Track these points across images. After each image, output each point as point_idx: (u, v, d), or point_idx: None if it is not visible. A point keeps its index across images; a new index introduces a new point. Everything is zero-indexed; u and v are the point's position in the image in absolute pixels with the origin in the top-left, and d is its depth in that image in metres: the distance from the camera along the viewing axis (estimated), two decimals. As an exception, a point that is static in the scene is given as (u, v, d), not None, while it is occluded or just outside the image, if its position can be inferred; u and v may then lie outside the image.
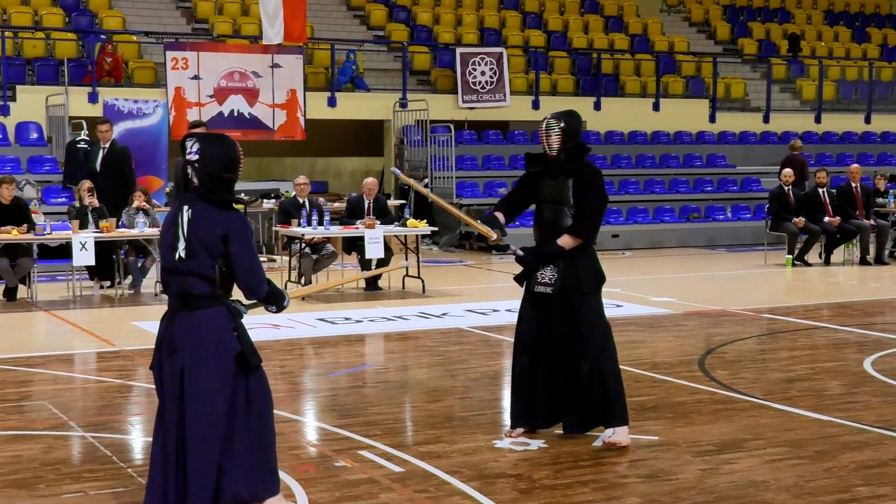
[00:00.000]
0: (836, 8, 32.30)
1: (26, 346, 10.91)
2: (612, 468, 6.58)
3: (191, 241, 5.33)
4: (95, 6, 22.40)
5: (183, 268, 5.35)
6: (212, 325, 5.36)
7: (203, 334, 5.35)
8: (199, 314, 5.35)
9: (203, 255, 5.31)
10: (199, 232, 5.33)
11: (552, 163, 7.03)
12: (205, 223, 5.34)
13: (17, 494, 6.10)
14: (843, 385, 8.96)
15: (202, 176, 5.39)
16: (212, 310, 5.37)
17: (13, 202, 13.59)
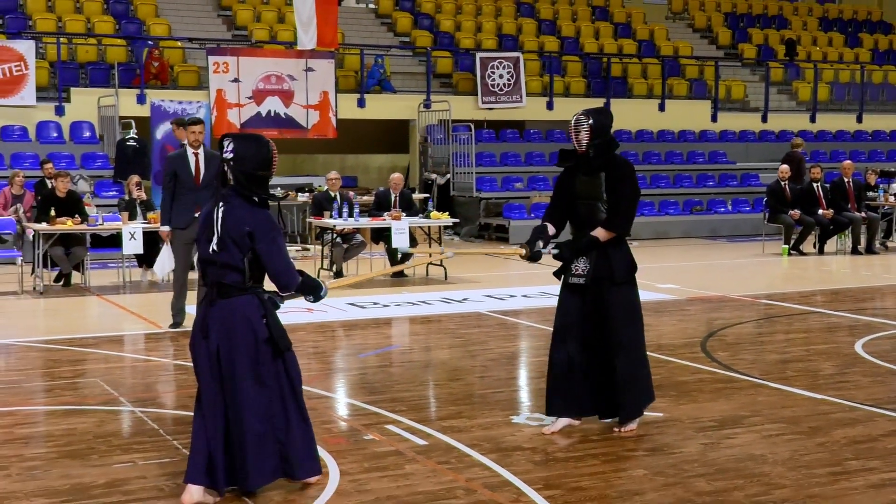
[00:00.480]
0: (830, 15, 32.12)
1: (80, 328, 10.98)
2: (620, 442, 6.58)
3: (223, 235, 5.40)
4: (143, 14, 22.46)
5: (217, 259, 5.43)
6: (242, 311, 5.42)
7: (234, 320, 5.41)
8: (231, 301, 5.41)
9: (233, 249, 5.38)
10: (230, 227, 5.39)
11: (582, 158, 6.81)
12: (235, 220, 5.40)
13: (72, 464, 6.14)
14: (835, 366, 8.93)
15: (237, 173, 5.44)
16: (243, 298, 5.43)
17: (68, 195, 13.66)
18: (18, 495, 5.58)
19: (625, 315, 6.79)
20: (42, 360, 9.27)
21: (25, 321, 11.53)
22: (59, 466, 6.10)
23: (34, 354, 9.49)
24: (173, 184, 10.24)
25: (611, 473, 5.98)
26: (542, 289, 13.43)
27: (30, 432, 6.92)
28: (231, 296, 5.42)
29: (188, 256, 10.44)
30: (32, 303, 12.58)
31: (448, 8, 26.28)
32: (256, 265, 5.43)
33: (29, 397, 7.88)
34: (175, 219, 10.27)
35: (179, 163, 10.27)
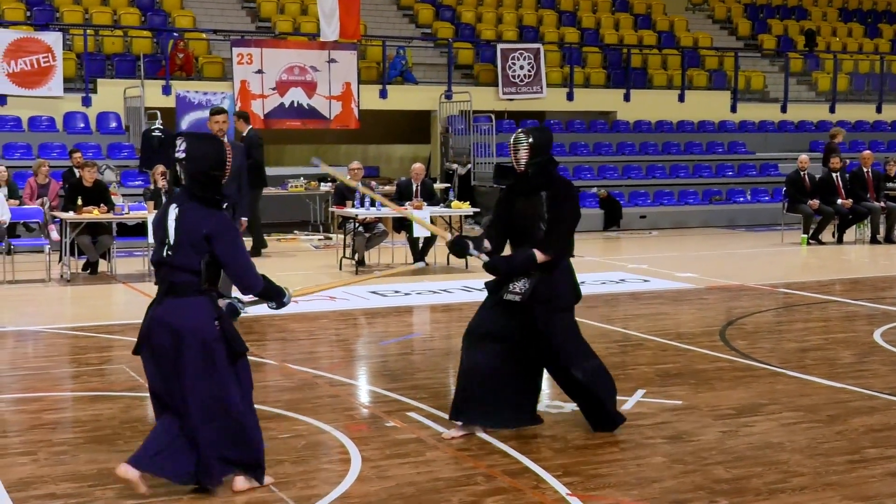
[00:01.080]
0: (849, 5, 31.89)
1: (106, 316, 11.04)
2: (639, 430, 6.56)
3: (178, 237, 5.21)
4: (168, 6, 22.51)
5: (171, 262, 5.25)
6: (194, 312, 5.23)
7: (185, 320, 5.22)
8: (182, 301, 5.23)
9: (189, 252, 5.20)
10: (186, 230, 5.20)
11: (522, 177, 6.40)
12: (190, 222, 5.21)
13: (99, 449, 6.17)
14: (853, 354, 8.87)
15: (191, 173, 5.26)
16: (195, 298, 5.24)
17: (95, 185, 13.71)
18: (46, 479, 5.62)
19: (568, 337, 6.34)
20: (69, 346, 9.32)
21: (53, 308, 11.59)
22: (86, 451, 6.13)
23: (61, 341, 9.54)
24: None
25: (629, 461, 5.97)
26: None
27: (57, 418, 6.96)
28: (185, 295, 5.23)
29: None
30: (60, 290, 12.65)
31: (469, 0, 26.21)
32: (213, 267, 5.26)
33: (56, 383, 7.92)
34: None
35: None
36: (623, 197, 20.86)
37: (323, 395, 7.48)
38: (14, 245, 13.59)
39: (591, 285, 12.82)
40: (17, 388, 7.73)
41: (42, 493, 5.41)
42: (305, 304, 11.44)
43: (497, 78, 22.55)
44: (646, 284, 12.82)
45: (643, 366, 8.40)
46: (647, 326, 10.11)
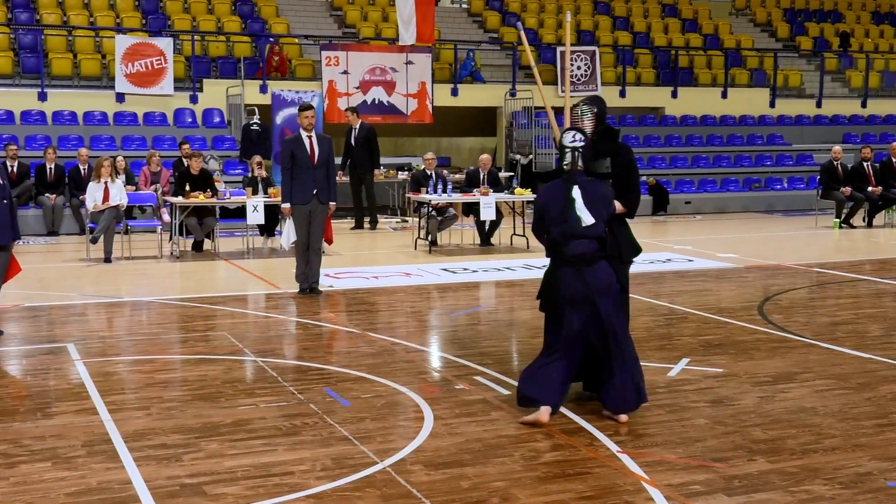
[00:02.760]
0: (882, 9, 31.08)
1: (210, 288, 11.18)
2: (683, 395, 6.48)
3: (595, 211, 5.75)
4: (266, 14, 22.67)
5: (588, 232, 5.74)
6: (609, 272, 5.84)
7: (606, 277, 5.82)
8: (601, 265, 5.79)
9: (601, 222, 5.79)
10: (598, 203, 5.79)
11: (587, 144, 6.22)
12: (593, 190, 5.79)
13: (204, 405, 6.26)
14: (882, 328, 8.68)
15: (585, 159, 5.84)
16: (604, 263, 5.82)
17: (201, 173, 13.86)
18: (158, 431, 5.71)
19: (625, 291, 6.29)
20: (178, 315, 9.46)
21: (164, 282, 11.77)
22: (192, 407, 6.22)
23: (171, 311, 9.69)
24: (291, 164, 10.28)
25: (675, 422, 5.90)
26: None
27: (168, 377, 7.07)
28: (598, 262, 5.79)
29: (307, 229, 10.39)
30: (170, 266, 12.84)
31: (532, 7, 26.03)
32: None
33: (167, 347, 8.05)
34: (295, 196, 10.29)
35: (296, 145, 10.23)
36: (670, 184, 20.60)
37: (400, 360, 7.51)
38: (130, 226, 13.82)
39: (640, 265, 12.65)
40: (133, 352, 7.87)
41: (154, 443, 5.51)
42: (384, 279, 11.48)
43: (557, 77, 22.37)
44: (690, 264, 12.65)
45: (687, 337, 8.30)
46: (691, 301, 9.98)
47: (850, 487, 4.84)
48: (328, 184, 10.34)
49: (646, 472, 5.04)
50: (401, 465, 5.14)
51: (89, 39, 20.47)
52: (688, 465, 5.16)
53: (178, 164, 15.73)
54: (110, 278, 11.72)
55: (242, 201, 13.50)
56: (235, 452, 5.34)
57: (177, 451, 5.37)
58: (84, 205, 13.67)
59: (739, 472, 5.04)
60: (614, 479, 4.96)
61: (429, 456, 5.29)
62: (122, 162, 15.58)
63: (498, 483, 4.89)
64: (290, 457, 5.27)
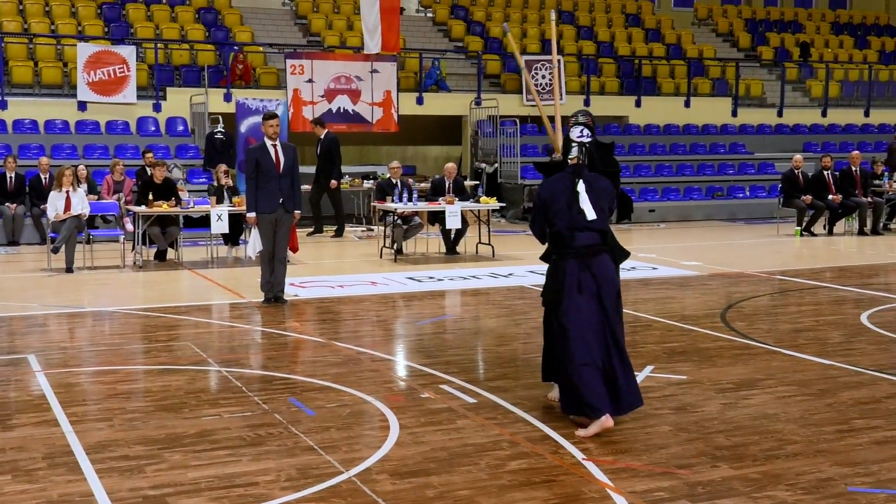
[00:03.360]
0: (841, 20, 31.53)
1: (173, 298, 11.10)
2: (647, 402, 6.51)
3: (598, 205, 5.84)
4: (230, 23, 22.58)
5: (591, 226, 5.82)
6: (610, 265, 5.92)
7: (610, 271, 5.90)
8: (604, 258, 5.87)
9: (604, 215, 5.91)
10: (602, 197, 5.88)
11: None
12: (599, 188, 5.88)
13: (167, 416, 6.20)
14: (842, 335, 8.79)
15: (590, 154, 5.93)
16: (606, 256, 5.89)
17: (164, 182, 13.77)
18: (120, 443, 5.66)
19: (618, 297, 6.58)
20: (140, 325, 9.38)
21: (126, 292, 11.68)
22: (155, 418, 6.17)
23: (133, 321, 9.61)
24: (256, 173, 10.21)
25: (639, 429, 5.93)
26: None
27: (130, 388, 7.00)
28: (601, 254, 5.85)
29: (272, 238, 10.33)
30: (132, 276, 12.74)
31: (497, 16, 26.12)
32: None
33: (129, 358, 7.98)
34: (260, 205, 10.22)
35: (261, 154, 10.14)
36: (634, 193, 20.73)
37: (365, 369, 7.49)
38: (93, 235, 13.70)
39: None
40: (95, 362, 7.79)
41: (117, 454, 5.46)
42: (350, 288, 11.46)
43: (521, 86, 22.46)
44: (654, 272, 12.74)
45: (651, 344, 8.35)
46: (655, 309, 10.05)
47: (811, 493, 4.89)
48: (293, 192, 10.30)
49: (610, 479, 5.06)
50: (366, 475, 5.12)
51: (50, 47, 20.29)
52: (652, 472, 5.18)
53: (141, 173, 15.60)
54: (72, 288, 11.60)
55: (206, 210, 13.42)
56: (199, 463, 5.30)
57: (139, 462, 5.32)
58: (45, 214, 13.52)
59: (703, 479, 5.07)
60: (579, 486, 4.97)
61: (394, 465, 5.28)
62: (83, 171, 15.43)
63: (463, 491, 4.89)
64: (255, 467, 5.24)
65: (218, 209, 13.26)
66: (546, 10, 27.03)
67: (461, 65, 23.80)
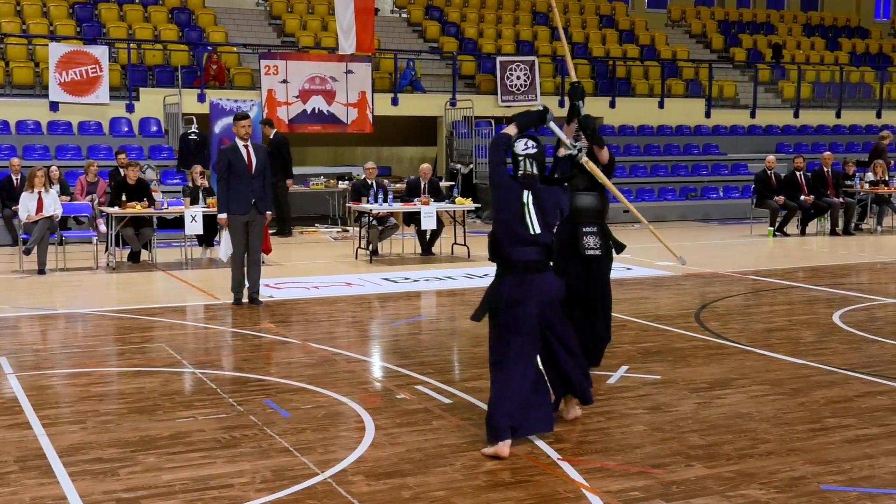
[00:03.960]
0: (812, 22, 31.79)
1: (147, 299, 11.04)
2: (622, 402, 6.55)
3: (545, 214, 5.61)
4: (204, 23, 22.47)
5: (537, 241, 5.58)
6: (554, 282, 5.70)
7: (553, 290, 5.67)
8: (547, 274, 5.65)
9: (548, 230, 5.63)
10: (550, 207, 5.63)
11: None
12: (549, 199, 5.63)
13: (141, 418, 6.17)
14: (814, 334, 8.86)
15: (541, 164, 5.73)
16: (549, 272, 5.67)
17: (137, 183, 13.70)
18: (94, 445, 5.62)
19: (607, 279, 7.21)
20: (114, 327, 9.32)
21: (100, 293, 11.60)
22: (129, 420, 6.13)
23: (107, 323, 9.55)
24: (228, 174, 10.14)
25: (614, 429, 5.96)
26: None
27: (104, 391, 6.96)
28: (546, 270, 5.64)
29: (245, 240, 10.29)
30: (106, 277, 12.65)
31: (472, 17, 26.15)
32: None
33: (103, 360, 7.93)
34: (233, 206, 10.17)
35: (233, 155, 10.11)
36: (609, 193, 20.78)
37: (340, 370, 7.48)
38: (66, 236, 13.59)
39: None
40: (68, 365, 7.74)
41: (90, 457, 5.42)
42: (325, 289, 11.44)
43: (496, 87, 22.49)
44: (629, 272, 12.80)
45: (626, 344, 8.39)
46: (630, 309, 10.09)
47: (784, 491, 4.92)
48: (265, 193, 10.27)
49: (586, 479, 5.08)
50: (342, 476, 5.11)
51: (22, 47, 20.12)
52: (626, 471, 5.21)
53: (115, 174, 15.49)
54: (44, 290, 11.51)
55: (180, 211, 13.36)
56: (173, 466, 5.27)
57: (113, 465, 5.29)
58: (17, 215, 13.41)
59: (677, 478, 5.10)
60: (555, 486, 4.99)
61: (370, 466, 5.27)
62: (56, 172, 15.29)
63: (439, 492, 4.90)
64: (230, 469, 5.22)
65: (192, 210, 13.19)
66: (520, 11, 27.10)
67: (436, 65, 23.80)
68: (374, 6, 20.64)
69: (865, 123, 26.40)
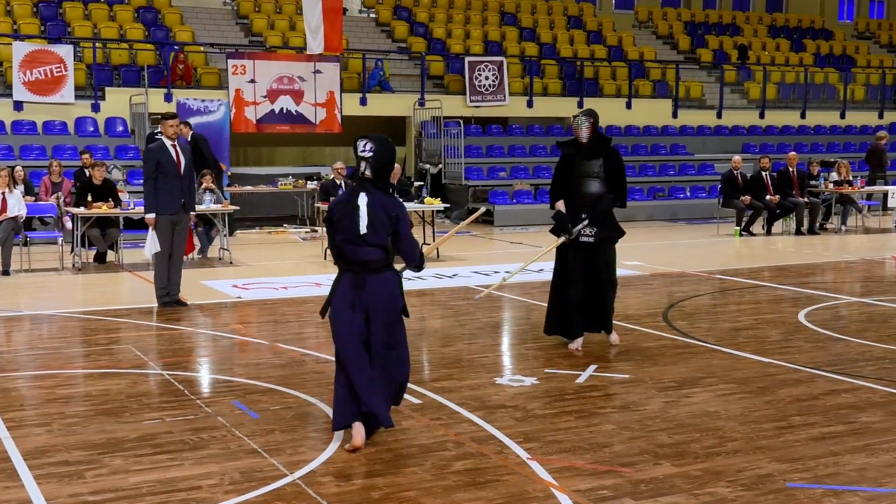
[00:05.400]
0: (777, 23, 32.08)
1: (114, 300, 10.95)
2: (591, 401, 6.58)
3: (372, 219, 5.56)
4: (170, 22, 22.32)
5: (366, 240, 5.58)
6: (388, 284, 5.64)
7: (388, 291, 5.63)
8: (383, 276, 5.63)
9: (381, 231, 5.59)
10: (378, 213, 5.59)
11: (583, 147, 7.91)
12: (381, 206, 5.62)
13: (107, 421, 6.12)
14: (781, 333, 8.94)
15: (374, 168, 5.67)
16: (389, 272, 5.66)
17: (103, 183, 13.59)
18: (60, 448, 5.57)
19: (612, 262, 8.11)
20: (80, 328, 9.24)
21: (65, 294, 11.50)
22: (95, 422, 6.08)
23: (73, 324, 9.46)
24: (156, 173, 10.07)
25: (583, 428, 5.98)
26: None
27: (70, 392, 6.90)
28: (380, 271, 5.62)
29: (171, 239, 10.22)
30: (72, 278, 12.54)
31: (440, 17, 26.16)
32: (393, 245, 5.68)
33: (69, 362, 7.86)
34: (162, 206, 10.07)
35: (161, 154, 10.08)
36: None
37: (309, 371, 7.46)
38: (30, 237, 13.46)
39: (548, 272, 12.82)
40: (34, 366, 7.66)
41: (56, 460, 5.37)
42: (294, 289, 11.39)
43: (465, 87, 22.51)
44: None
45: (595, 344, 8.42)
46: (598, 309, 10.11)
47: (751, 489, 4.97)
48: (191, 193, 10.37)
49: (555, 478, 5.10)
50: (311, 477, 5.10)
51: (-15, 46, 19.90)
52: (595, 470, 5.23)
53: (80, 174, 15.34)
54: (9, 291, 11.38)
55: (147, 212, 13.23)
56: (141, 468, 5.23)
57: (79, 468, 5.24)
58: (-20, 216, 13.24)
59: (645, 477, 5.13)
60: (524, 486, 5.00)
61: (339, 467, 5.26)
62: (20, 172, 15.11)
63: (409, 493, 4.89)
64: (198, 471, 5.19)
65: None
66: (489, 11, 27.15)
67: (404, 66, 23.79)
68: (342, 6, 20.60)
69: (830, 124, 26.68)
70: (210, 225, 14.05)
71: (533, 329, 9.13)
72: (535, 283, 11.85)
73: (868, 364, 7.68)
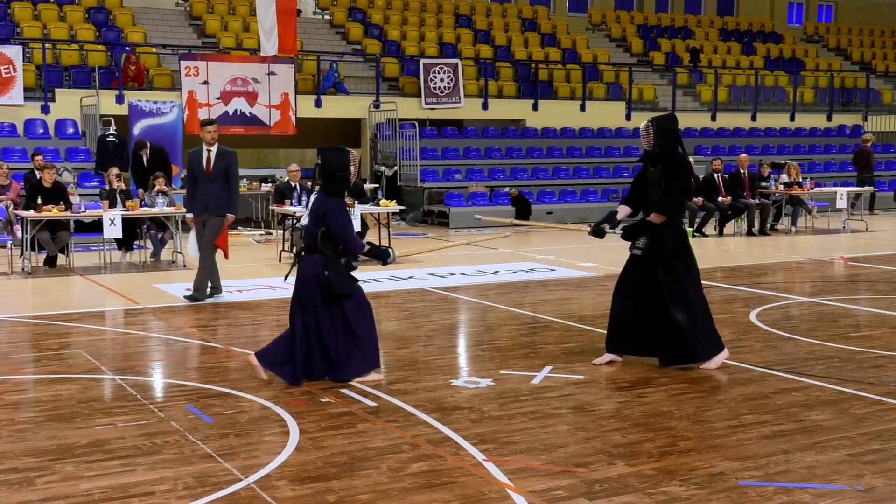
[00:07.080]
0: (728, 27, 32.47)
1: (65, 305, 10.80)
2: (546, 402, 6.60)
3: (312, 213, 6.98)
4: (122, 23, 22.09)
5: (305, 229, 7.08)
6: (313, 264, 6.92)
7: (310, 269, 6.93)
8: (309, 257, 6.96)
9: (313, 224, 6.93)
10: (314, 208, 6.95)
11: (651, 154, 7.65)
12: (317, 203, 6.95)
13: (58, 427, 6.03)
14: (732, 333, 9.03)
15: (322, 175, 6.96)
16: (314, 255, 6.94)
17: (54, 185, 13.41)
18: (9, 455, 5.48)
19: (673, 282, 7.41)
20: (30, 333, 9.10)
21: (15, 299, 11.32)
22: (46, 429, 5.99)
23: (23, 329, 9.32)
24: (192, 177, 10.65)
25: (538, 429, 6.00)
26: (479, 267, 13.48)
27: (19, 398, 6.79)
28: (310, 253, 6.96)
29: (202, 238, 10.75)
30: (21, 282, 12.35)
31: (395, 19, 26.16)
32: (327, 235, 6.88)
33: (19, 367, 7.73)
34: (188, 207, 10.77)
35: (193, 158, 10.63)
36: (532, 195, 20.99)
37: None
38: (-22, 241, 13.24)
39: (503, 274, 12.89)
40: (-18, 372, 7.52)
41: (5, 467, 5.28)
42: (248, 292, 11.32)
43: (420, 89, 22.53)
44: (552, 273, 12.91)
45: (550, 345, 8.46)
46: (553, 310, 10.18)
47: (704, 487, 5.02)
48: (218, 196, 10.54)
49: (510, 479, 5.11)
50: (266, 481, 5.06)
51: (-68, 46, 19.54)
52: (550, 471, 5.25)
53: (30, 177, 15.11)
54: (-44, 296, 11.18)
55: (98, 214, 13.10)
56: (92, 474, 5.16)
57: (29, 475, 5.16)
58: (-73, 219, 13.01)
59: (600, 477, 5.16)
60: (480, 487, 5.01)
61: (294, 471, 5.23)
62: (-32, 174, 14.89)
63: (364, 496, 4.88)
64: (151, 476, 5.13)
65: (111, 213, 12.95)
66: (444, 13, 27.18)
67: (359, 67, 23.75)
68: (296, 7, 20.53)
69: (780, 126, 27.06)
70: (163, 228, 13.91)
71: (488, 331, 9.15)
72: (491, 286, 11.88)
73: (818, 363, 7.79)
